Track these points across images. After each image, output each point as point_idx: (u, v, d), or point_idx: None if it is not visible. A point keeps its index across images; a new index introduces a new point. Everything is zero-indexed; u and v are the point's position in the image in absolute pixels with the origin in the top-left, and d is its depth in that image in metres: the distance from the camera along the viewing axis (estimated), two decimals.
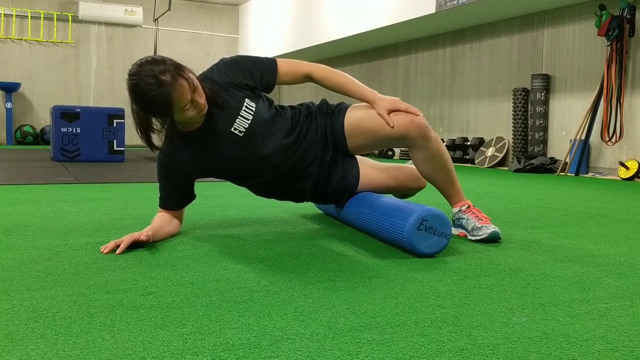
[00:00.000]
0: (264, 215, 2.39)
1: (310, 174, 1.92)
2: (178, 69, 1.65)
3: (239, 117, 1.80)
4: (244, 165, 1.86)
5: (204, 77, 1.82)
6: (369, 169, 2.04)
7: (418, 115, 1.83)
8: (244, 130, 1.80)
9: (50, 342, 0.94)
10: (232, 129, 1.80)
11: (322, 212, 2.49)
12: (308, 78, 1.92)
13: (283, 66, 1.89)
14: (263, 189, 2.00)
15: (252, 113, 1.82)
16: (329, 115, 1.96)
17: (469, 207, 1.94)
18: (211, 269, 1.45)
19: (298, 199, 2.04)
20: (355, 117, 1.91)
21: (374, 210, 1.84)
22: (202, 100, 1.70)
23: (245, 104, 1.81)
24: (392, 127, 1.81)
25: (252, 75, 1.84)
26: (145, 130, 1.75)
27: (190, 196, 1.94)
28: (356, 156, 2.04)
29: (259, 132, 1.83)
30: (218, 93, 1.78)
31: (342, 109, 1.96)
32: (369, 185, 2.02)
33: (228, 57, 1.91)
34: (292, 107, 1.99)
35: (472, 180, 4.63)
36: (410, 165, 2.21)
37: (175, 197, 1.90)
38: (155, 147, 1.82)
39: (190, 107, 1.68)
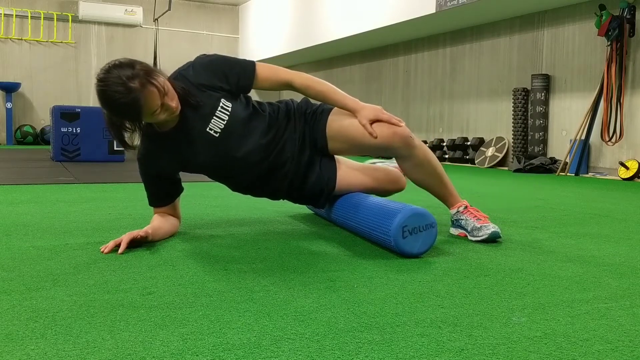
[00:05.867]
0: (264, 215, 2.39)
1: (286, 173, 1.90)
2: (147, 75, 1.61)
3: (214, 117, 1.78)
4: (220, 164, 1.85)
5: (178, 75, 1.79)
6: (347, 169, 2.01)
7: (400, 125, 1.82)
8: (219, 130, 1.79)
9: (50, 342, 0.94)
10: (208, 129, 1.78)
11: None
12: (288, 86, 1.88)
13: (262, 71, 1.85)
14: (239, 187, 1.99)
15: (228, 113, 1.80)
16: (310, 115, 1.95)
17: (466, 207, 1.94)
18: (211, 269, 1.45)
19: (273, 197, 2.02)
20: (339, 123, 1.89)
21: (359, 222, 1.82)
22: (173, 103, 1.68)
23: (221, 104, 1.79)
24: (376, 138, 1.80)
25: (228, 79, 1.81)
26: (117, 132, 1.72)
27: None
28: (335, 156, 2.01)
29: (235, 132, 1.81)
30: (191, 93, 1.75)
31: (324, 110, 1.94)
32: (347, 186, 1.99)
33: (206, 56, 1.86)
34: (270, 104, 1.96)
35: (472, 180, 4.63)
36: (390, 165, 2.21)
37: (161, 194, 1.90)
38: (129, 146, 1.79)
39: (162, 111, 1.66)
